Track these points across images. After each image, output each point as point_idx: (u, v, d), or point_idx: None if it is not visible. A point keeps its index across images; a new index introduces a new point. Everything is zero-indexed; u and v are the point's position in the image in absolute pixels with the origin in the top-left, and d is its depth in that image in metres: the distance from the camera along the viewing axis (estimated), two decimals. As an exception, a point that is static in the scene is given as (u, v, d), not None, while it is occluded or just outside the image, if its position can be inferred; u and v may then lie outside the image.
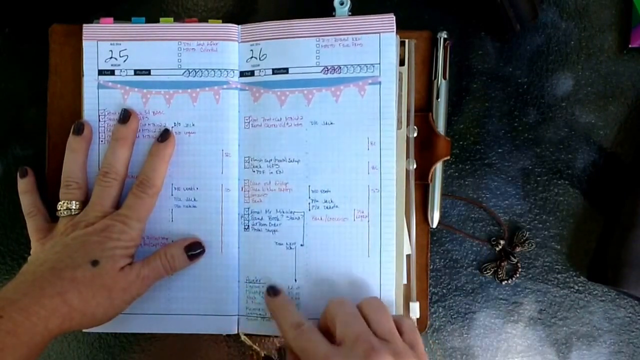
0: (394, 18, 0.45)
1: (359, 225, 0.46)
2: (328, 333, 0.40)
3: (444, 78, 0.48)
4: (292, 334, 0.40)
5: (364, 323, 0.39)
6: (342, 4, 0.47)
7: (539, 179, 0.50)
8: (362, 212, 0.46)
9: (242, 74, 0.47)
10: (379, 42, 0.45)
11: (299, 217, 0.46)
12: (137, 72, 0.47)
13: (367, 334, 0.38)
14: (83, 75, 0.47)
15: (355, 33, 0.46)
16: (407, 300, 0.48)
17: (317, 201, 0.46)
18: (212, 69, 0.47)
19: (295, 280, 0.46)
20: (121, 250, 0.43)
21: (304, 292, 0.46)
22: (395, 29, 0.45)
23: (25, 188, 0.48)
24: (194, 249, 0.46)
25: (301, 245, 0.46)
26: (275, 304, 0.43)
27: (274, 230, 0.47)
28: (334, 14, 0.47)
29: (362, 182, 0.46)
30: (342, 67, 0.46)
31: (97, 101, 0.47)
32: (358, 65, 0.46)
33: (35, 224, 0.46)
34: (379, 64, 0.45)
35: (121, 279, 0.42)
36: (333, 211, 0.46)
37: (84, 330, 0.47)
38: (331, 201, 0.46)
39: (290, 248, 0.46)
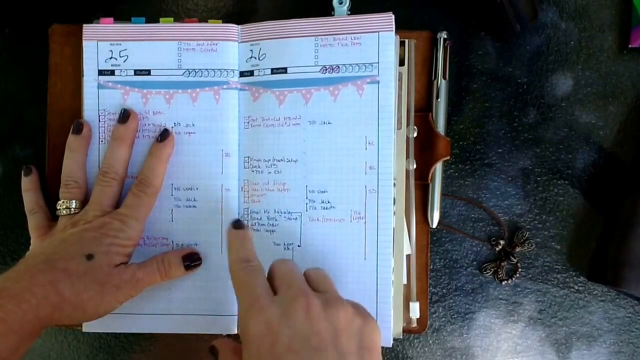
0: (393, 17, 0.45)
1: (356, 227, 0.45)
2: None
3: (444, 78, 0.48)
4: (237, 266, 0.39)
5: (303, 278, 0.38)
6: (341, 3, 0.46)
7: (539, 179, 0.50)
8: (359, 214, 0.45)
9: (242, 74, 0.47)
10: (377, 41, 0.45)
11: (296, 218, 0.46)
12: (137, 72, 0.47)
13: (301, 283, 0.37)
14: (83, 75, 0.47)
15: (354, 32, 0.45)
16: (407, 300, 0.48)
17: (314, 201, 0.46)
18: (212, 69, 0.47)
19: None
20: (117, 248, 0.43)
21: None
22: (394, 28, 0.45)
23: (28, 186, 0.48)
24: (191, 259, 0.46)
25: (298, 246, 0.46)
26: (235, 236, 0.42)
27: (272, 231, 0.47)
28: (333, 13, 0.47)
29: (359, 183, 0.45)
30: (340, 66, 0.46)
31: (97, 101, 0.47)
32: (357, 64, 0.45)
33: (36, 221, 0.47)
34: (378, 63, 0.45)
35: (115, 276, 0.42)
36: (330, 212, 0.46)
37: (84, 330, 0.47)
38: (328, 202, 0.46)
39: (288, 249, 0.46)
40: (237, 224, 0.44)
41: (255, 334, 0.34)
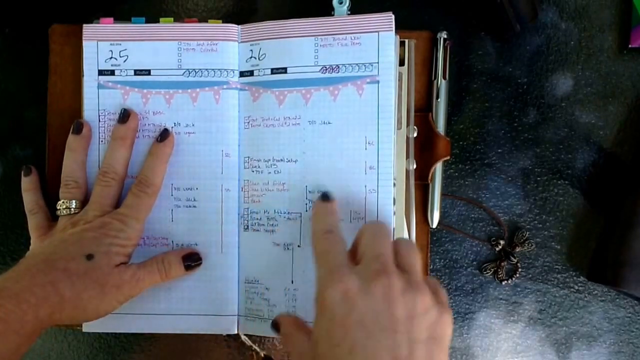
0: (393, 17, 0.45)
1: (356, 227, 0.45)
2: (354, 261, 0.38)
3: (444, 78, 0.48)
4: (320, 236, 0.39)
5: (390, 249, 0.37)
6: (340, 2, 0.46)
7: (539, 179, 0.50)
8: (359, 214, 0.45)
9: (242, 74, 0.47)
10: (377, 41, 0.45)
11: (296, 218, 0.46)
12: (137, 72, 0.47)
13: (387, 257, 0.36)
14: (83, 75, 0.47)
15: (354, 32, 0.45)
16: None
17: (314, 202, 0.46)
18: (212, 69, 0.47)
19: (292, 281, 0.46)
20: (117, 248, 0.43)
21: (300, 293, 0.46)
22: (394, 28, 0.45)
23: (28, 186, 0.48)
24: (192, 260, 0.46)
25: (298, 246, 0.46)
26: (321, 207, 0.42)
27: (272, 231, 0.47)
28: (332, 13, 0.47)
29: (359, 183, 0.45)
30: (340, 66, 0.45)
31: (97, 101, 0.47)
32: (356, 64, 0.45)
33: (36, 221, 0.47)
34: (378, 63, 0.45)
35: (115, 276, 0.42)
36: None
37: (84, 330, 0.47)
38: None
39: (288, 249, 0.46)
40: (325, 197, 0.43)
41: (332, 302, 0.34)
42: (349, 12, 0.47)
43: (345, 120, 0.45)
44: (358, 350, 0.33)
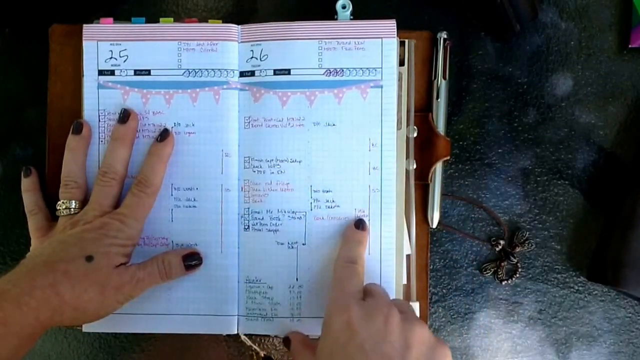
0: (395, 24, 0.46)
1: None
2: None
3: (444, 78, 0.48)
4: (342, 264, 0.43)
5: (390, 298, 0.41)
6: (344, 7, 0.47)
7: (539, 179, 0.50)
8: (363, 212, 0.46)
9: (242, 74, 0.47)
10: (380, 47, 0.46)
11: (300, 217, 0.47)
12: (137, 72, 0.47)
13: (388, 299, 0.40)
14: (83, 75, 0.47)
15: (358, 37, 0.46)
16: (407, 300, 0.48)
17: (318, 201, 0.46)
18: (212, 69, 0.47)
19: (297, 279, 0.47)
20: (117, 248, 0.43)
21: (305, 290, 0.47)
22: (396, 34, 0.46)
23: (28, 187, 0.48)
24: (192, 259, 0.46)
25: (303, 244, 0.47)
26: (353, 235, 0.45)
27: (275, 230, 0.47)
28: (336, 17, 0.47)
29: (363, 182, 0.46)
30: (344, 69, 0.46)
31: (97, 101, 0.47)
32: (360, 68, 0.46)
33: (36, 222, 0.46)
34: (381, 68, 0.46)
35: (115, 277, 0.42)
36: (334, 210, 0.46)
37: (84, 330, 0.47)
38: (333, 201, 0.46)
39: (292, 247, 0.47)
40: (360, 224, 0.46)
41: (336, 328, 0.37)
42: (351, 17, 0.47)
43: (349, 123, 0.46)
44: None
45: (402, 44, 0.47)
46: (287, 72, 0.46)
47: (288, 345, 0.44)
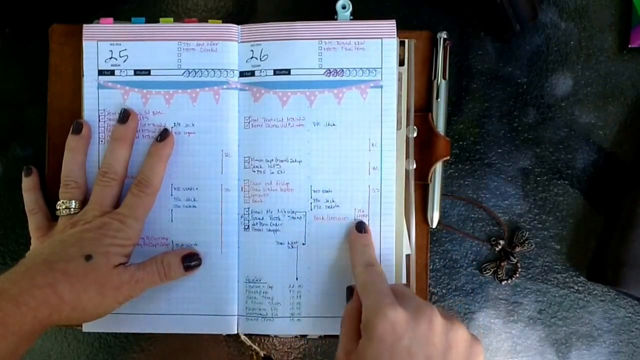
0: (395, 24, 0.46)
1: None
2: None
3: (444, 78, 0.48)
4: (361, 270, 0.43)
5: None
6: (344, 8, 0.47)
7: (538, 179, 0.50)
8: (363, 212, 0.46)
9: (242, 74, 0.47)
10: (380, 48, 0.46)
11: (300, 217, 0.47)
12: (137, 72, 0.47)
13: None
14: (83, 75, 0.47)
15: (358, 37, 0.46)
16: (407, 300, 0.48)
17: (318, 201, 0.46)
18: (212, 69, 0.47)
19: (297, 278, 0.47)
20: (116, 248, 0.43)
21: (305, 290, 0.47)
22: (396, 35, 0.46)
23: (28, 186, 0.48)
24: (191, 260, 0.46)
25: (303, 244, 0.47)
26: (358, 240, 0.46)
27: (275, 230, 0.47)
28: (335, 17, 0.47)
29: (363, 182, 0.46)
30: (344, 70, 0.46)
31: (97, 101, 0.47)
32: (360, 68, 0.46)
33: (36, 221, 0.46)
34: (381, 68, 0.46)
35: (114, 277, 0.42)
36: (334, 210, 0.46)
37: (84, 330, 0.47)
38: (332, 201, 0.46)
39: (292, 247, 0.47)
40: (360, 227, 0.46)
41: (381, 331, 0.37)
42: (351, 17, 0.47)
43: (349, 123, 0.46)
44: None
45: (402, 44, 0.47)
46: (287, 72, 0.46)
47: (351, 293, 0.44)
